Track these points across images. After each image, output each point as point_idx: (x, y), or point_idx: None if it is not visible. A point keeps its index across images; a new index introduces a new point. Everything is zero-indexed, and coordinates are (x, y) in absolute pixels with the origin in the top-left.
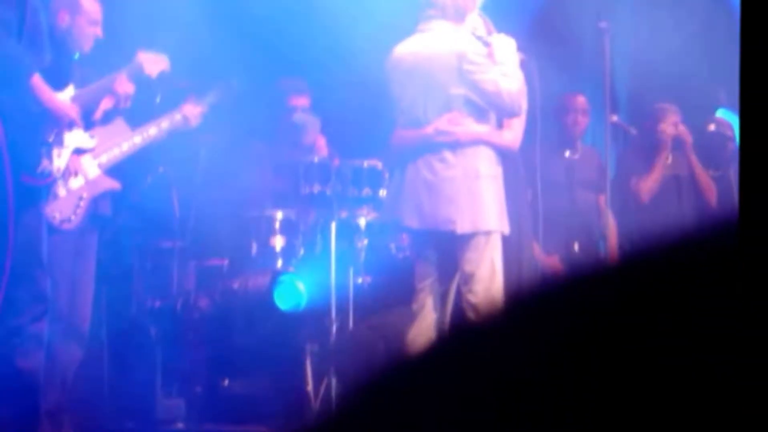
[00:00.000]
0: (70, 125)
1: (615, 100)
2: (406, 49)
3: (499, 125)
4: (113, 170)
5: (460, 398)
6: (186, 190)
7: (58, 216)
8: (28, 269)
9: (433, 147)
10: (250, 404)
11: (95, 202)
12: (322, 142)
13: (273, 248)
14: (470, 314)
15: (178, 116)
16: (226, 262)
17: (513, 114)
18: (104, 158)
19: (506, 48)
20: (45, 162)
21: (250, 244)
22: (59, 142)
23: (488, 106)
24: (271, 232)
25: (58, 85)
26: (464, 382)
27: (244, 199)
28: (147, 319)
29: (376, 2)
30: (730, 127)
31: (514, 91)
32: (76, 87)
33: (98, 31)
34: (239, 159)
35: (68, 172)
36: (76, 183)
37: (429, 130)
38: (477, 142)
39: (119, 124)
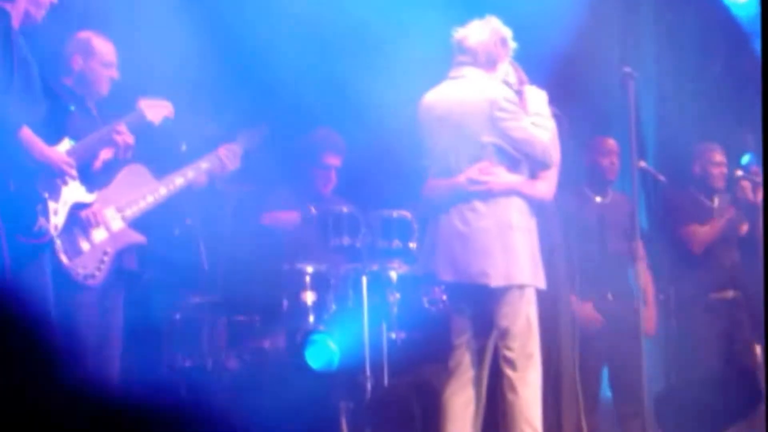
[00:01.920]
0: (66, 179)
1: (642, 147)
2: (437, 95)
3: (532, 176)
4: (138, 222)
5: None
6: (214, 242)
7: (81, 271)
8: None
9: (464, 197)
10: None
11: (120, 256)
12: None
13: (304, 303)
14: (508, 370)
15: (204, 164)
16: (257, 318)
17: (544, 164)
18: (128, 211)
19: (538, 99)
20: (41, 220)
21: (281, 299)
22: (56, 198)
23: (519, 155)
24: (302, 286)
25: (53, 138)
26: None
27: (274, 252)
28: (177, 378)
29: (405, 51)
30: (758, 173)
31: (545, 141)
32: (73, 139)
33: (113, 73)
34: (267, 210)
35: (89, 226)
36: (99, 236)
37: (461, 179)
38: (510, 192)
39: (143, 174)
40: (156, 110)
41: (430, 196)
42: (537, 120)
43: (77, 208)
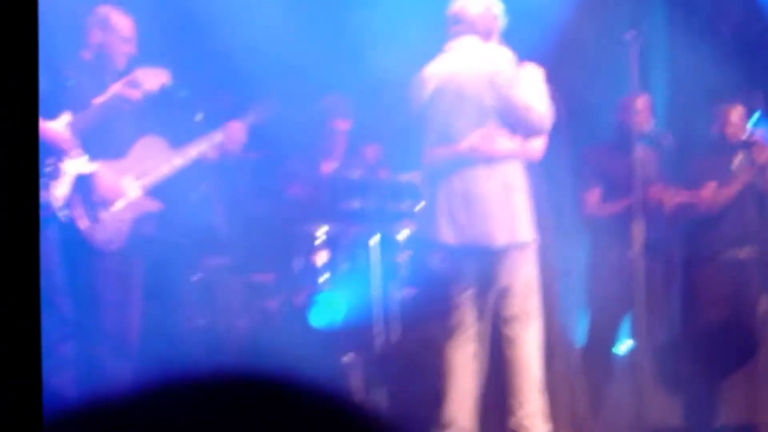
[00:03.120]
0: (67, 153)
1: (652, 109)
2: (436, 68)
3: (526, 139)
4: (156, 190)
5: None
6: (230, 207)
7: (100, 238)
8: (47, 297)
9: (466, 162)
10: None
11: (138, 223)
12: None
13: (316, 264)
14: (507, 328)
15: (218, 137)
16: (271, 277)
17: (539, 132)
18: (145, 180)
19: (534, 76)
20: (43, 194)
21: (294, 259)
22: (56, 172)
23: (517, 121)
24: (314, 247)
25: (52, 113)
26: None
27: (287, 215)
28: (193, 338)
29: (406, 22)
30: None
31: (542, 111)
32: (73, 113)
33: (132, 48)
34: (280, 175)
35: (107, 195)
36: (117, 205)
37: (463, 146)
38: (510, 156)
39: (159, 145)
40: (153, 78)
41: (431, 164)
42: (534, 91)
43: (81, 179)
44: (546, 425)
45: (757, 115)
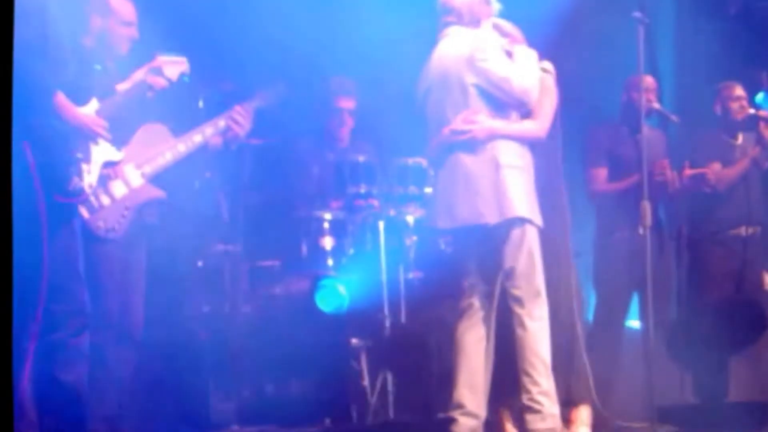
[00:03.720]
0: (96, 139)
1: (659, 89)
2: (431, 59)
3: (524, 117)
4: (159, 177)
5: None
6: (234, 193)
7: (102, 225)
8: (65, 285)
9: (453, 147)
10: (300, 406)
11: (140, 210)
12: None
13: (323, 248)
14: (516, 307)
15: (222, 122)
16: (277, 263)
17: (522, 103)
18: (147, 168)
19: (527, 56)
20: (75, 179)
21: (301, 244)
22: (87, 158)
23: (500, 95)
24: (321, 232)
25: (82, 99)
26: None
27: (292, 201)
28: (197, 324)
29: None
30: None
31: (525, 83)
32: (99, 99)
33: (133, 32)
34: (285, 161)
35: (110, 182)
36: (119, 192)
37: (446, 131)
38: (494, 137)
39: (162, 132)
40: (173, 67)
41: (430, 154)
42: (520, 67)
43: (107, 166)
44: (556, 404)
45: (762, 94)
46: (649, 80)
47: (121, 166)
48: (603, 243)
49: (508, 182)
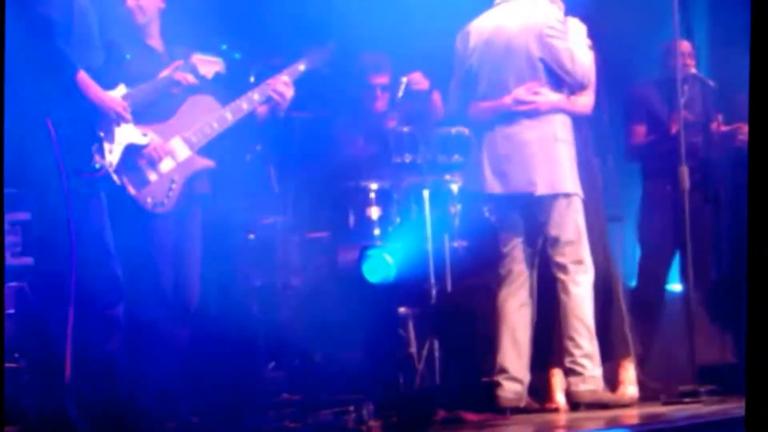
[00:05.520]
0: (120, 120)
1: (695, 53)
2: (486, 22)
3: (571, 94)
4: (209, 149)
5: None
6: (283, 165)
7: (150, 201)
8: (96, 260)
9: (510, 116)
10: (349, 374)
11: (190, 182)
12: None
13: (370, 218)
14: (560, 274)
15: (268, 89)
16: (326, 234)
17: (583, 84)
18: (194, 139)
19: (578, 31)
20: (97, 157)
21: (348, 215)
22: (110, 137)
23: (563, 74)
24: (367, 202)
25: (110, 84)
26: None
27: (339, 172)
28: (249, 297)
29: None
30: None
31: (586, 64)
32: (129, 86)
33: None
34: (332, 133)
35: (154, 159)
36: (166, 167)
37: (508, 99)
38: (554, 110)
39: (209, 103)
40: (208, 66)
41: (476, 117)
42: (579, 45)
43: (131, 148)
44: (599, 367)
45: None
46: (685, 45)
47: (165, 142)
48: (646, 204)
49: (561, 156)
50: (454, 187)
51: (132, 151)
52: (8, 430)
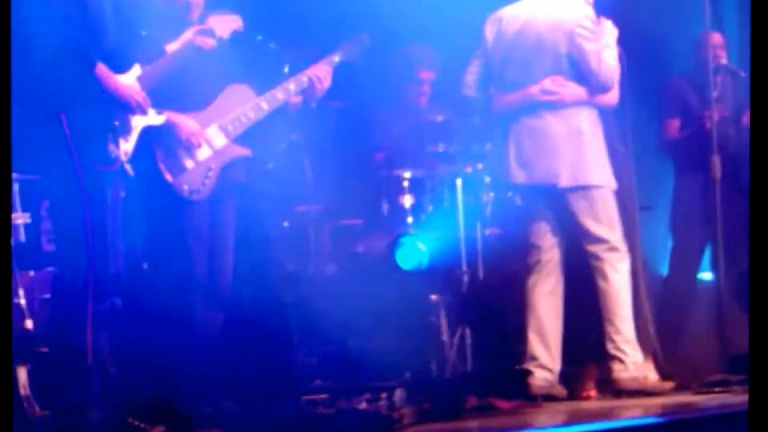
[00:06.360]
0: (139, 111)
1: (726, 45)
2: (519, 12)
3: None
4: (245, 138)
5: None
6: (318, 154)
7: (186, 188)
8: (111, 251)
9: (535, 107)
10: (381, 360)
11: (226, 170)
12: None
13: (403, 206)
14: (595, 262)
15: (305, 78)
16: (359, 221)
17: (605, 87)
18: (231, 127)
19: (610, 34)
20: (111, 147)
21: (381, 203)
22: (126, 125)
23: (586, 72)
24: (401, 190)
25: (123, 66)
26: None
27: (373, 161)
28: (282, 283)
29: None
30: None
31: (611, 67)
32: (143, 65)
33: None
34: (366, 122)
35: (192, 146)
36: (203, 154)
37: (534, 90)
38: (580, 102)
39: (245, 92)
40: (225, 25)
41: (501, 108)
42: (608, 48)
43: (147, 131)
44: (639, 353)
45: None
46: (716, 37)
47: (202, 129)
48: (679, 195)
49: (587, 149)
50: (487, 176)
51: (167, 136)
52: (41, 413)
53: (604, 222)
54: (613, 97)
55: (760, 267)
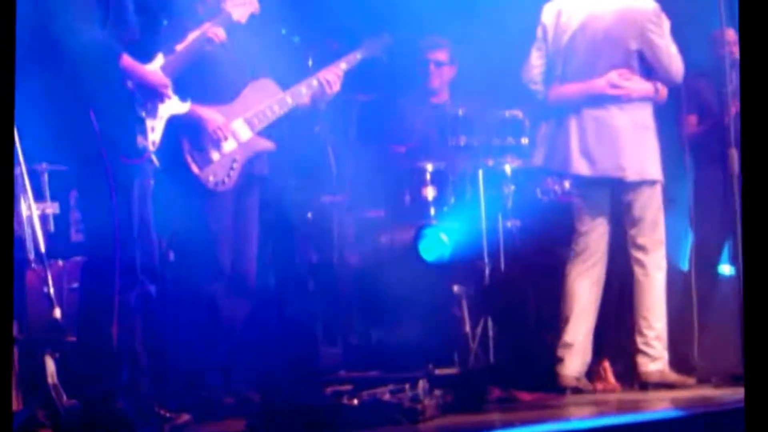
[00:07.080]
0: (163, 97)
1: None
2: (577, 2)
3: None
4: (269, 131)
5: None
6: (342, 146)
7: (212, 179)
8: (139, 243)
9: (601, 99)
10: (404, 351)
11: (250, 163)
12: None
13: (425, 198)
14: (639, 254)
15: (315, 82)
16: (382, 213)
17: (674, 80)
18: (256, 120)
19: (667, 26)
20: (140, 138)
21: (404, 195)
22: (153, 115)
23: (657, 68)
24: (423, 182)
25: (147, 56)
26: None
27: (396, 153)
28: (306, 274)
29: None
30: None
31: (680, 61)
32: (165, 54)
33: None
34: (389, 115)
35: (219, 139)
36: (228, 147)
37: (601, 82)
38: (645, 98)
39: (270, 87)
40: (241, 9)
41: (560, 99)
42: (672, 43)
43: (173, 120)
44: (666, 349)
45: None
46: (731, 33)
47: (228, 122)
48: (699, 190)
49: (649, 144)
50: (508, 168)
51: (193, 129)
52: (69, 403)
53: (656, 217)
54: (665, 93)
55: (753, 264)
